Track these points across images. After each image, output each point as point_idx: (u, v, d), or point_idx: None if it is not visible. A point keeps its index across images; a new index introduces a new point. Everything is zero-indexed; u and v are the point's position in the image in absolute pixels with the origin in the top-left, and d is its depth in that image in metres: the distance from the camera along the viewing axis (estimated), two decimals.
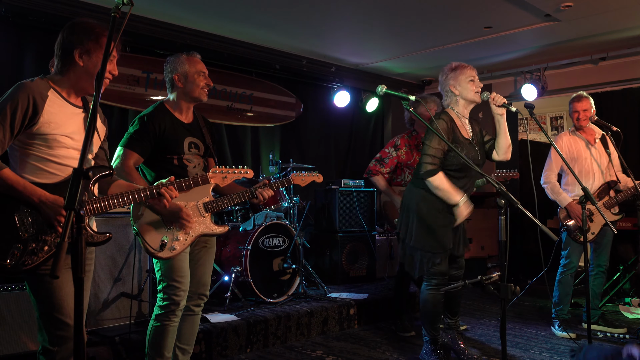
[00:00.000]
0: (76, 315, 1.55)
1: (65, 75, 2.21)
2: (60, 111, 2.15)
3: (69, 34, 2.19)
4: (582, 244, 4.23)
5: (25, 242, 2.02)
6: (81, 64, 2.18)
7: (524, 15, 4.95)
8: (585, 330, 4.19)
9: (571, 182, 4.36)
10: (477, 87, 3.37)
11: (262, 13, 4.95)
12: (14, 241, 2.01)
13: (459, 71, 3.39)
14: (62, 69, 2.21)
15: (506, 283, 2.31)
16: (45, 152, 2.11)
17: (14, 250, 1.99)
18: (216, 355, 3.68)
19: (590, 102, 4.35)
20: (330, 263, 5.70)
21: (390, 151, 4.44)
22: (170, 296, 2.73)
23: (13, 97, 2.05)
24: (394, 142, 4.48)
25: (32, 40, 4.55)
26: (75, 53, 2.17)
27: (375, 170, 4.40)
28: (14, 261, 1.99)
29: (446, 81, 3.43)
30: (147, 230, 2.65)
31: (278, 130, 6.50)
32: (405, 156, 4.40)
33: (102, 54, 2.16)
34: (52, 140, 2.11)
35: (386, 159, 4.42)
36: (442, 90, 3.50)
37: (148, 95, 5.22)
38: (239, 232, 4.68)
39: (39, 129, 2.08)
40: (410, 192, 3.52)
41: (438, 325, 3.54)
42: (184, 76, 2.86)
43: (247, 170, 2.73)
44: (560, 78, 6.49)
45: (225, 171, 2.66)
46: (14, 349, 3.11)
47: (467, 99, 3.40)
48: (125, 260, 3.75)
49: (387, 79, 7.26)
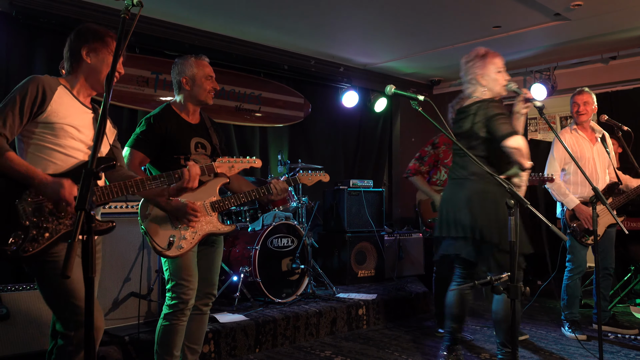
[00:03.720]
0: (87, 314, 1.55)
1: (74, 74, 2.31)
2: (69, 104, 2.23)
3: (76, 36, 2.32)
4: (587, 246, 4.19)
5: (26, 229, 2.04)
6: (89, 61, 2.29)
7: (534, 15, 4.92)
8: (595, 331, 4.16)
9: (573, 182, 4.26)
10: (505, 79, 3.16)
11: (270, 14, 4.96)
12: (14, 228, 2.03)
13: (489, 60, 3.17)
14: (70, 69, 2.33)
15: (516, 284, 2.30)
16: (50, 141, 2.15)
17: (15, 238, 2.02)
18: (225, 355, 3.69)
19: (592, 97, 4.25)
20: (339, 263, 5.70)
21: (429, 149, 4.41)
22: (179, 295, 2.74)
23: (23, 87, 2.13)
24: (432, 140, 4.46)
25: (42, 42, 4.59)
26: (82, 52, 2.28)
27: (415, 170, 4.36)
28: (15, 247, 2.01)
29: (472, 69, 3.20)
30: (154, 229, 2.66)
31: (286, 130, 6.51)
32: (443, 154, 4.37)
33: (107, 52, 2.31)
34: (58, 128, 2.16)
35: (425, 157, 4.39)
36: (465, 77, 3.27)
37: (157, 96, 5.24)
38: (247, 233, 4.69)
39: (47, 117, 2.14)
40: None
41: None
42: (191, 79, 2.87)
43: (254, 160, 2.71)
44: (570, 77, 6.44)
45: (232, 160, 2.63)
46: (24, 348, 3.13)
47: (494, 91, 3.18)
48: (134, 261, 3.77)
49: (395, 79, 7.25)
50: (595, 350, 3.65)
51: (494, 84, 3.16)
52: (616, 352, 3.79)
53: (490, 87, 3.17)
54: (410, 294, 5.12)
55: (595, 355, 3.62)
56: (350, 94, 6.75)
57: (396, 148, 7.67)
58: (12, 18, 4.35)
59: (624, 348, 3.90)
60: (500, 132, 2.99)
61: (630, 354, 3.75)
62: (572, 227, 4.16)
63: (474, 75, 3.19)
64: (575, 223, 4.17)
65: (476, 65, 3.18)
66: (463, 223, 3.11)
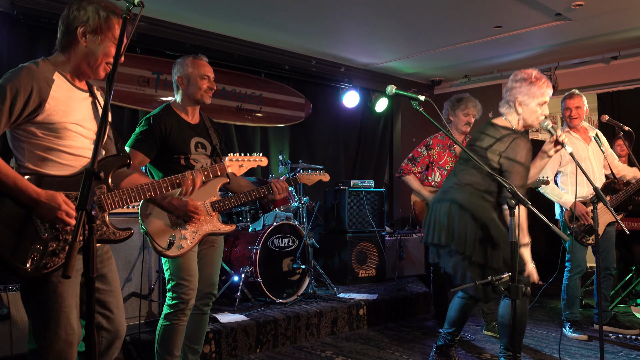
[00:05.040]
0: (88, 315, 1.55)
1: (66, 56, 2.01)
2: (68, 96, 1.97)
3: (77, 8, 1.97)
4: (587, 246, 4.18)
5: (45, 242, 1.88)
6: (84, 44, 1.97)
7: (535, 15, 4.92)
8: (596, 331, 4.16)
9: (571, 183, 4.23)
10: (543, 114, 2.97)
11: (271, 14, 4.96)
12: (33, 242, 1.87)
13: (535, 88, 2.94)
14: (62, 48, 2.01)
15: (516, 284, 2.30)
16: (54, 142, 1.94)
17: (34, 252, 1.86)
18: (226, 355, 3.69)
19: (583, 100, 4.23)
20: (340, 263, 5.70)
21: (422, 150, 4.41)
22: (180, 295, 2.74)
23: (14, 79, 1.85)
24: (426, 141, 4.45)
25: (43, 42, 4.59)
26: (78, 31, 1.96)
27: (407, 170, 4.37)
28: (35, 264, 1.85)
29: (515, 92, 3.01)
30: (155, 229, 2.66)
31: (287, 130, 6.51)
32: (437, 156, 4.37)
33: (109, 38, 1.99)
34: (61, 129, 1.94)
35: (418, 158, 4.39)
36: (505, 95, 3.08)
37: (158, 96, 5.25)
38: (248, 233, 4.69)
39: (46, 117, 1.90)
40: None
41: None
42: (186, 78, 2.87)
43: (262, 158, 2.68)
44: (571, 77, 6.44)
45: (242, 159, 2.61)
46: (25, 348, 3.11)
47: (527, 122, 3.02)
48: (135, 261, 3.78)
49: (396, 79, 7.26)
50: (597, 351, 3.65)
51: (530, 115, 2.99)
52: (617, 353, 3.79)
53: (526, 117, 3.01)
54: (411, 294, 5.12)
55: (596, 356, 3.62)
56: (351, 94, 6.75)
57: (397, 148, 7.67)
58: (13, 18, 4.36)
59: (625, 348, 3.89)
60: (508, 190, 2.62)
61: (632, 354, 3.75)
62: (572, 227, 4.16)
63: (514, 99, 3.01)
64: (574, 224, 4.16)
65: (521, 90, 2.99)
66: (441, 232, 3.09)
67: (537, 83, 2.95)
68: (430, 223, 3.18)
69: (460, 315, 3.31)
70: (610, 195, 4.23)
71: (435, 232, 3.13)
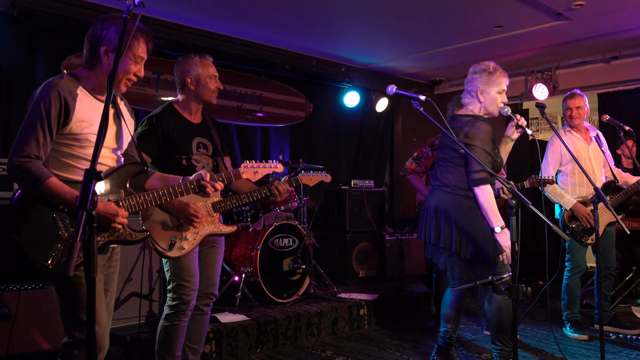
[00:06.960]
0: (88, 316, 1.55)
1: (92, 71, 2.14)
2: (91, 109, 2.09)
3: (100, 27, 2.11)
4: (587, 246, 4.18)
5: (65, 241, 1.98)
6: (106, 62, 2.10)
7: (535, 15, 4.92)
8: (597, 331, 4.16)
9: (571, 183, 4.24)
10: (502, 102, 3.16)
11: (271, 13, 4.96)
12: (54, 241, 1.97)
13: (494, 78, 3.13)
14: (88, 64, 2.15)
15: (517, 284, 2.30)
16: (78, 151, 2.07)
17: (55, 251, 1.95)
18: (226, 355, 3.69)
19: (584, 100, 4.24)
20: (340, 263, 5.70)
21: (427, 151, 4.41)
22: (180, 296, 2.74)
23: (45, 98, 1.99)
24: (431, 141, 4.45)
25: (44, 42, 4.58)
26: (100, 50, 2.10)
27: (411, 169, 4.37)
28: (56, 261, 1.94)
29: (476, 82, 3.18)
30: (156, 230, 2.66)
31: (288, 130, 6.51)
32: None
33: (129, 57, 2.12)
34: (84, 140, 2.06)
35: (422, 158, 4.39)
36: (467, 87, 3.25)
37: (159, 96, 5.25)
38: (249, 233, 4.69)
39: (71, 128, 2.03)
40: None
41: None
42: (196, 79, 2.87)
43: (277, 165, 2.66)
44: (572, 77, 6.44)
45: (257, 166, 2.59)
46: (27, 348, 3.13)
47: (488, 110, 3.18)
48: (136, 260, 3.78)
49: (397, 78, 7.25)
50: (597, 351, 3.65)
51: (491, 103, 3.16)
52: (618, 353, 3.79)
53: (487, 105, 3.18)
54: (412, 294, 5.12)
55: (596, 356, 3.62)
56: (352, 94, 6.75)
57: (397, 148, 7.67)
58: (13, 18, 4.35)
59: (626, 348, 3.90)
60: (472, 171, 3.06)
61: (632, 354, 3.75)
62: (571, 227, 4.17)
63: (476, 89, 3.18)
64: (574, 224, 4.17)
65: (481, 80, 3.16)
66: (430, 231, 3.24)
67: (495, 73, 3.15)
68: (422, 221, 3.35)
69: (456, 309, 3.38)
70: (610, 195, 4.23)
71: (425, 230, 3.30)
